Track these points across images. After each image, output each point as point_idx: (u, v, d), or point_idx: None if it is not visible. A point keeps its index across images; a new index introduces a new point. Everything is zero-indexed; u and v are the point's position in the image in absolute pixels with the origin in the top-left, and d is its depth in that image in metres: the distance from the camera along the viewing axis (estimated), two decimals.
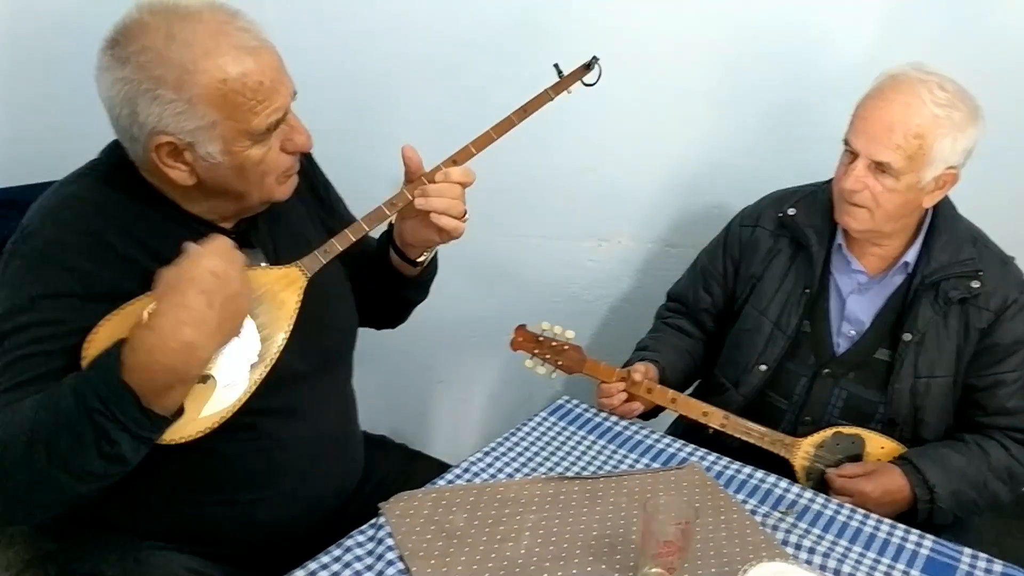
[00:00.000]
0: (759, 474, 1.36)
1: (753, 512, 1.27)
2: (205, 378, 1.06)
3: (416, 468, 1.46)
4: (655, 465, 1.36)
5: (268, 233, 1.24)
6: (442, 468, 1.43)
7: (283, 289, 1.14)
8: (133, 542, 1.19)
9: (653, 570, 1.09)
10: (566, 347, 1.52)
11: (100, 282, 1.06)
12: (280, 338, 1.12)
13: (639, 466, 1.35)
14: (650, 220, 1.93)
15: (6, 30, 1.75)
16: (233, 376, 1.08)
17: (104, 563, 1.17)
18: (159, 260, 1.05)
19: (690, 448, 1.41)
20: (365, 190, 1.45)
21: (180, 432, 1.05)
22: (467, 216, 1.24)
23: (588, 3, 1.74)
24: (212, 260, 1.01)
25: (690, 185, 1.89)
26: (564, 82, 1.27)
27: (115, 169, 1.14)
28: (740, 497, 1.30)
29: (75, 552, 1.21)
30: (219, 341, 1.02)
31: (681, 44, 1.78)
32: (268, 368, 1.11)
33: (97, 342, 1.03)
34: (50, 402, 0.97)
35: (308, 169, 1.33)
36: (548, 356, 1.52)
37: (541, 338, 1.53)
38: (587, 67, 1.28)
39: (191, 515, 1.20)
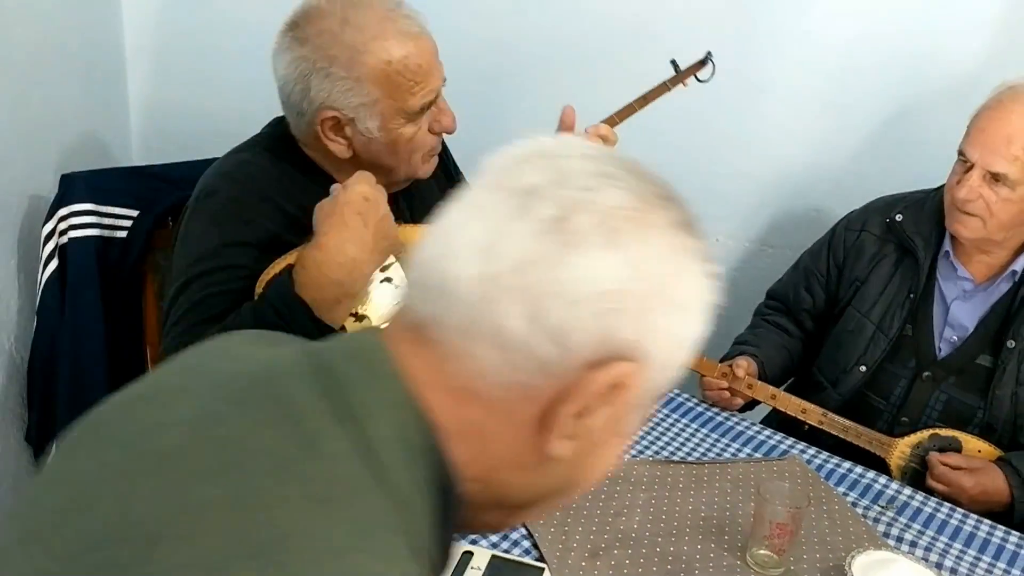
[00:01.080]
0: (858, 469, 1.40)
1: (853, 505, 1.31)
2: (361, 317, 1.16)
3: None
4: (757, 455, 1.41)
5: (407, 207, 1.33)
6: None
7: None
8: None
9: (762, 551, 1.14)
10: None
11: (271, 234, 1.19)
12: None
13: (742, 455, 1.40)
14: (749, 219, 1.96)
15: (148, 43, 1.87)
16: (384, 316, 1.18)
17: None
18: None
19: (790, 440, 1.45)
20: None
21: None
22: None
23: (699, 6, 1.78)
24: (362, 187, 1.13)
25: (792, 186, 1.92)
26: (681, 76, 1.35)
27: (277, 141, 1.26)
28: (840, 490, 1.34)
29: None
30: (376, 259, 1.13)
31: (791, 43, 1.80)
32: None
33: (265, 281, 1.14)
34: (234, 324, 1.08)
35: (442, 152, 1.42)
36: None
37: None
38: (702, 63, 1.35)
39: None
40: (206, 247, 1.17)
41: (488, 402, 0.55)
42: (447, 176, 1.45)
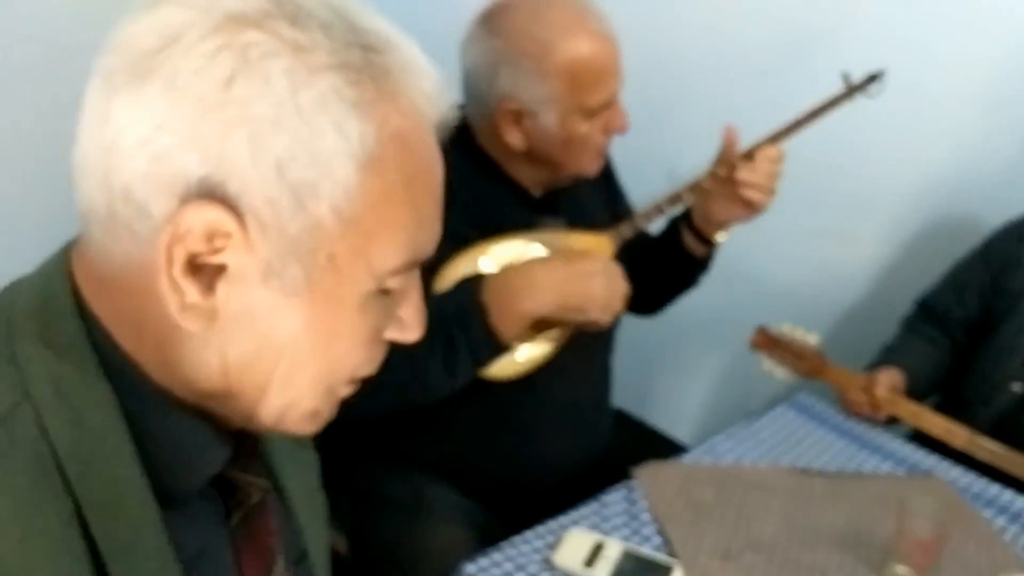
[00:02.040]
0: (1007, 494, 1.35)
1: (1002, 531, 1.26)
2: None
3: (654, 444, 1.56)
4: (898, 471, 1.37)
5: (569, 204, 1.37)
6: (678, 448, 1.51)
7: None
8: (414, 472, 1.36)
9: (901, 568, 1.13)
10: (807, 352, 1.52)
11: (449, 224, 1.23)
12: None
13: (881, 470, 1.37)
14: (897, 224, 1.90)
15: None
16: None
17: (393, 487, 1.35)
18: (488, 213, 1.25)
19: (934, 458, 1.41)
20: (640, 181, 1.56)
21: (501, 371, 1.21)
22: (775, 194, 1.33)
23: (868, 5, 1.73)
24: (601, 260, 1.20)
25: (944, 193, 1.85)
26: (852, 91, 1.33)
27: (454, 131, 1.30)
28: (987, 514, 1.30)
29: (364, 474, 1.40)
30: (559, 293, 1.16)
31: (950, 45, 1.73)
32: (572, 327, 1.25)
33: (442, 277, 1.21)
34: None
35: None
36: (788, 359, 1.54)
37: (782, 341, 1.54)
38: (874, 78, 1.33)
39: (458, 447, 1.35)
40: None
41: (123, 286, 0.53)
42: (605, 177, 1.48)
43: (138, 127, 0.49)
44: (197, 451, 0.58)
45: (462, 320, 1.13)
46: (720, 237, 1.42)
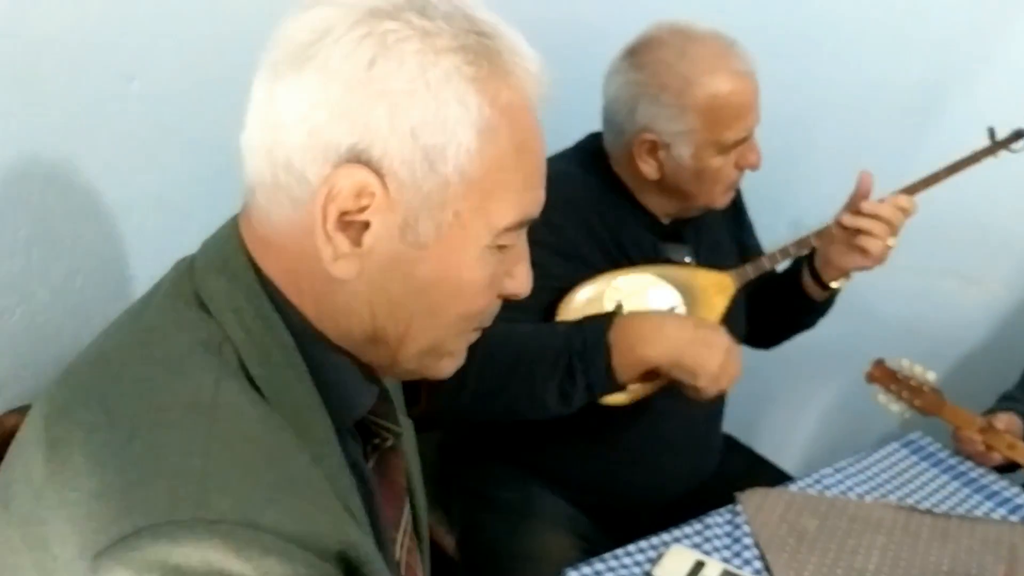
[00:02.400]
0: None
1: None
2: None
3: (760, 472, 1.57)
4: (1013, 518, 1.35)
5: (694, 233, 1.42)
6: (784, 478, 1.53)
7: (716, 293, 1.33)
8: (524, 476, 1.44)
9: None
10: (925, 388, 1.51)
11: (570, 243, 1.30)
12: None
13: (995, 515, 1.36)
14: None
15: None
16: None
17: (505, 491, 1.42)
18: (614, 238, 1.31)
19: None
20: (768, 221, 1.59)
21: (613, 397, 1.26)
22: (894, 242, 1.34)
23: (1007, 55, 1.71)
24: (727, 337, 1.23)
25: None
26: (996, 146, 1.34)
27: (591, 156, 1.38)
28: None
29: (479, 476, 1.48)
30: (680, 351, 1.19)
31: None
32: None
33: (571, 305, 1.27)
34: (544, 332, 1.22)
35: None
36: (904, 394, 1.53)
37: (900, 375, 1.54)
38: (1019, 135, 1.32)
39: (574, 460, 1.42)
40: None
41: (286, 245, 0.63)
42: (735, 211, 1.52)
43: (297, 106, 0.59)
44: (353, 390, 0.68)
45: (585, 354, 1.18)
46: (837, 284, 1.43)
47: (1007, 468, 1.51)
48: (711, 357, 1.18)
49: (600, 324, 1.19)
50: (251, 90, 0.64)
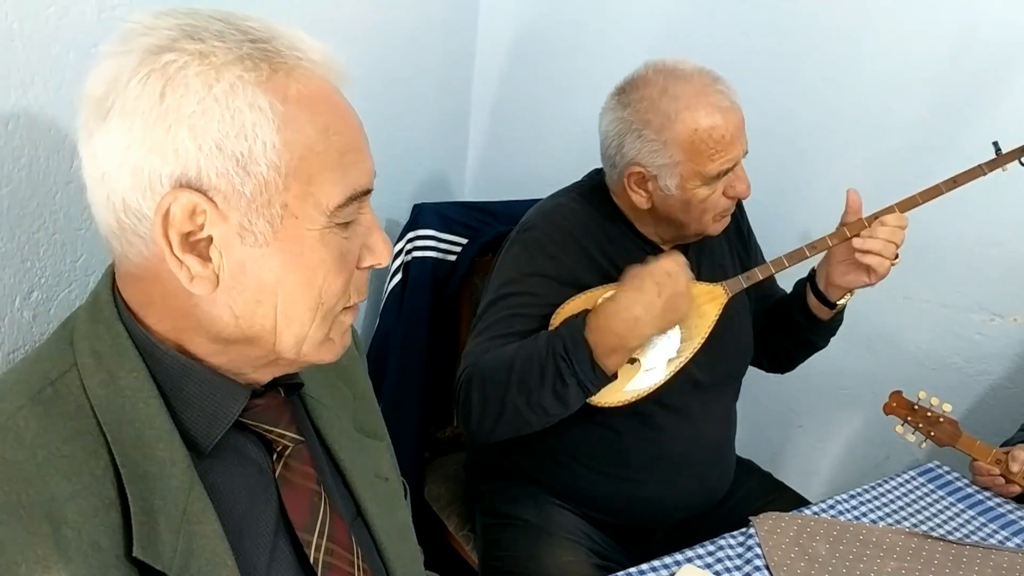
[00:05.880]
0: None
1: None
2: (632, 360, 1.32)
3: (776, 496, 1.60)
4: None
5: (695, 258, 1.47)
6: (801, 502, 1.56)
7: (707, 302, 1.37)
8: (543, 495, 1.49)
9: None
10: (941, 419, 1.53)
11: (569, 271, 1.37)
12: (696, 342, 1.35)
13: (1010, 544, 1.37)
14: None
15: (491, 95, 2.17)
16: (654, 364, 1.34)
17: (522, 508, 1.47)
18: (613, 264, 1.36)
19: None
20: (775, 239, 1.64)
21: (606, 399, 1.30)
22: (898, 260, 1.37)
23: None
24: (668, 263, 1.27)
25: None
26: (999, 160, 1.34)
27: (593, 190, 1.46)
28: None
29: (499, 495, 1.53)
30: (658, 325, 1.26)
31: None
32: (681, 365, 1.34)
33: (562, 315, 1.33)
34: (527, 346, 1.28)
35: (738, 213, 1.55)
36: (921, 425, 1.54)
37: (916, 406, 1.55)
38: None
39: (587, 479, 1.46)
40: (515, 273, 1.38)
41: (145, 277, 0.70)
42: (739, 235, 1.57)
43: (114, 154, 0.65)
44: (215, 403, 0.74)
45: (569, 357, 1.24)
46: (841, 301, 1.47)
47: None
48: (681, 308, 1.27)
49: (575, 325, 1.25)
50: (79, 154, 0.70)
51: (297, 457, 0.81)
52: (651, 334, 1.26)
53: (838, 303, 1.47)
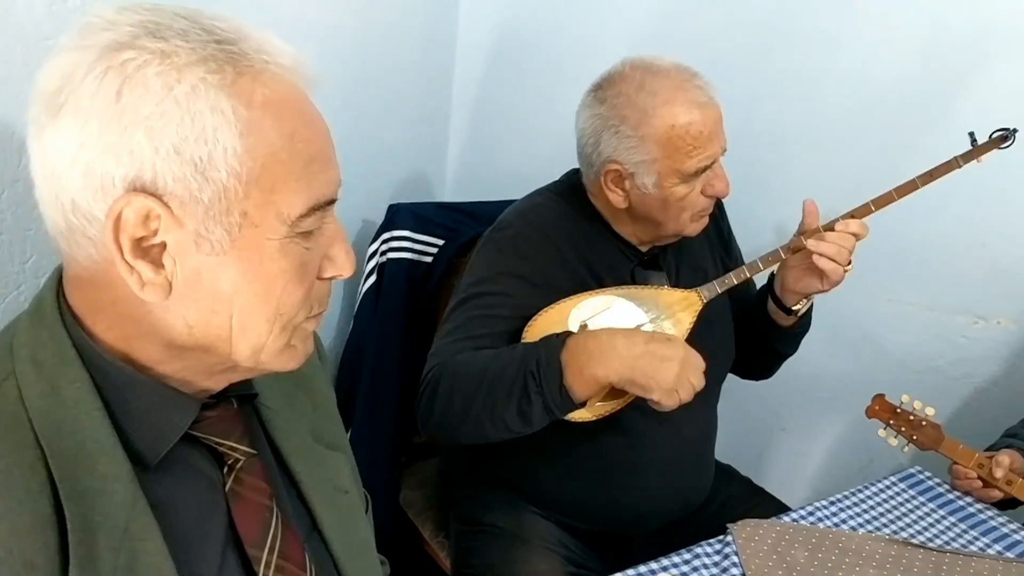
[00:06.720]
0: None
1: None
2: None
3: (757, 502, 1.57)
4: (1008, 554, 1.34)
5: (674, 260, 1.44)
6: (781, 508, 1.53)
7: (682, 309, 1.34)
8: (518, 502, 1.46)
9: None
10: (924, 423, 1.51)
11: (541, 272, 1.34)
12: None
13: (990, 551, 1.35)
14: None
15: (471, 95, 2.14)
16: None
17: (496, 515, 1.44)
18: (588, 266, 1.33)
19: None
20: (755, 239, 1.61)
21: (579, 414, 1.26)
22: (851, 267, 1.34)
23: (1003, 69, 1.71)
24: (679, 338, 1.22)
25: None
26: (976, 151, 1.31)
27: (569, 190, 1.43)
28: None
29: (474, 501, 1.50)
30: (631, 367, 1.17)
31: None
32: None
33: (535, 327, 1.30)
34: (502, 356, 1.24)
35: (718, 214, 1.52)
36: (903, 428, 1.53)
37: (899, 410, 1.54)
38: (1003, 138, 1.31)
39: (564, 487, 1.43)
40: (487, 272, 1.35)
41: (93, 282, 0.66)
42: (719, 236, 1.54)
43: (65, 152, 0.62)
44: (162, 416, 0.70)
45: (540, 375, 1.19)
46: (796, 306, 1.44)
47: (1008, 504, 1.50)
48: (663, 371, 1.16)
49: (554, 344, 1.21)
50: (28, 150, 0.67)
51: (249, 471, 0.78)
52: (623, 373, 1.17)
53: (794, 308, 1.44)
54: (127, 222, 0.62)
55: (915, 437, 1.52)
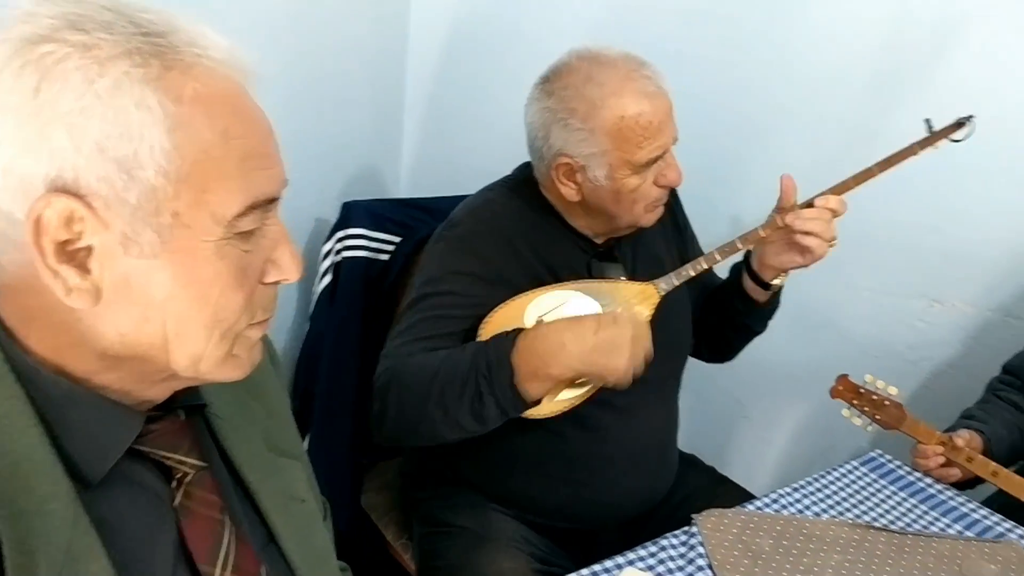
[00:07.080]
0: None
1: None
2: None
3: (721, 491, 1.57)
4: (968, 534, 1.36)
5: (631, 252, 1.43)
6: (745, 496, 1.53)
7: (640, 303, 1.32)
8: (482, 501, 1.44)
9: None
10: (887, 402, 1.53)
11: (495, 268, 1.31)
12: None
13: (951, 531, 1.36)
14: (993, 287, 1.87)
15: (426, 89, 2.12)
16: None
17: (460, 515, 1.42)
18: (543, 260, 1.31)
19: (1009, 524, 1.38)
20: (712, 228, 1.61)
21: (538, 410, 1.24)
22: (835, 242, 1.33)
23: (961, 58, 1.73)
24: (623, 314, 1.21)
25: None
26: (932, 138, 1.31)
27: (522, 184, 1.40)
28: None
29: (437, 502, 1.48)
30: (585, 361, 1.16)
31: None
32: None
33: (491, 324, 1.27)
34: (454, 357, 1.21)
35: (673, 203, 1.51)
36: (867, 408, 1.54)
37: (863, 390, 1.55)
38: (959, 125, 1.31)
39: (527, 484, 1.42)
40: (439, 271, 1.32)
41: (20, 288, 0.62)
42: (675, 227, 1.53)
43: None
44: (104, 431, 0.66)
45: (491, 376, 1.17)
46: (776, 281, 1.44)
47: (967, 484, 1.51)
48: (615, 359, 1.16)
49: (504, 345, 1.19)
50: None
51: (199, 484, 0.74)
52: (577, 368, 1.17)
53: (772, 283, 1.44)
54: (48, 224, 0.59)
55: (878, 417, 1.53)
